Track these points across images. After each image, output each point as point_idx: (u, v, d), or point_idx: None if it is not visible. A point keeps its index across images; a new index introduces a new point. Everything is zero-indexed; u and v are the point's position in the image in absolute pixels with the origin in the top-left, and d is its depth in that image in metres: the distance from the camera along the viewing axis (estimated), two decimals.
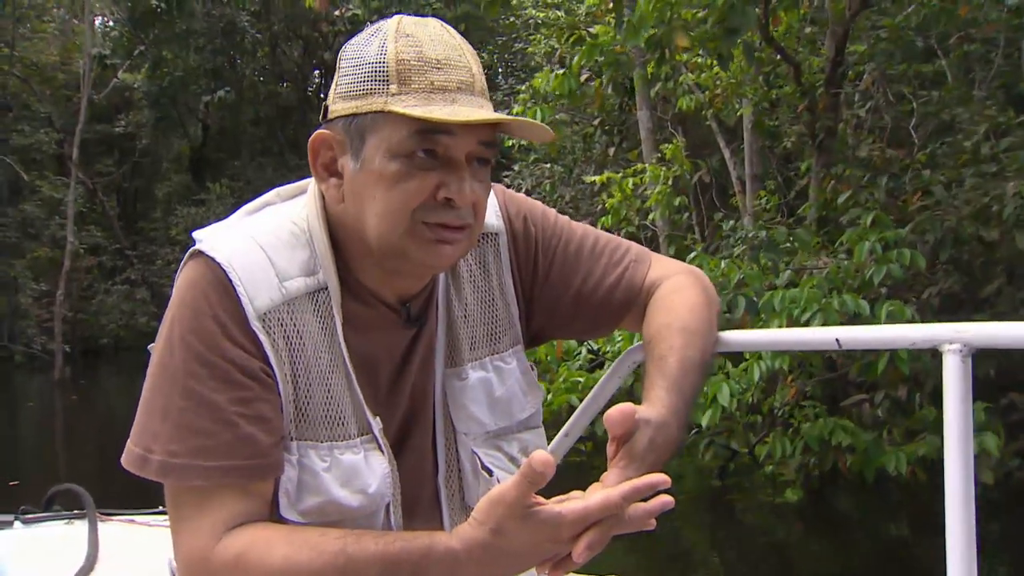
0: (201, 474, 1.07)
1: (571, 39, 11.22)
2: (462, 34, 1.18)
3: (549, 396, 5.68)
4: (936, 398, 5.40)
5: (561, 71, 6.39)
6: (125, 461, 1.11)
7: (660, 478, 0.99)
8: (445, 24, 1.15)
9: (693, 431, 5.84)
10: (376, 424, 1.18)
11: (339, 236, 1.17)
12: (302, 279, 1.14)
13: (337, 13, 19.15)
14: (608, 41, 10.96)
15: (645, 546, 5.98)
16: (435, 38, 1.11)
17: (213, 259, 1.11)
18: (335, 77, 1.16)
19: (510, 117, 1.10)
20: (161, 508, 2.12)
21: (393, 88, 1.08)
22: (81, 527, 2.16)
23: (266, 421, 1.09)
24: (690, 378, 1.19)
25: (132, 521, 2.28)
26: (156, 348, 1.13)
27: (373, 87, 1.10)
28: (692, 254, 5.57)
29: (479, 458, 1.27)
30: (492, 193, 1.32)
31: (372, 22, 1.19)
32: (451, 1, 22.53)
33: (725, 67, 5.57)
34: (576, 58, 6.43)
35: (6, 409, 15.52)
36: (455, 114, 1.06)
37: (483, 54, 23.56)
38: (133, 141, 25.44)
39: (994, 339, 1.17)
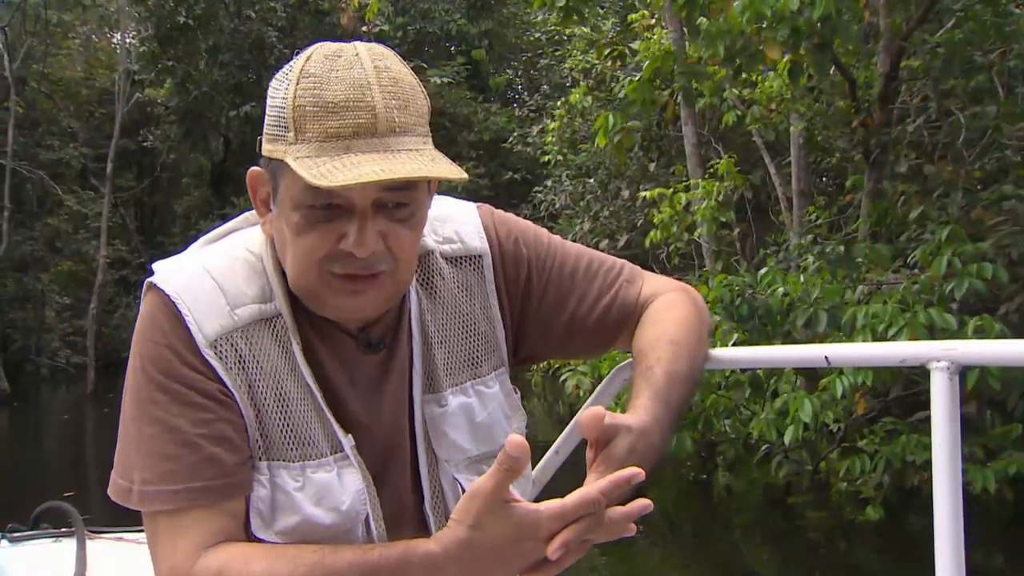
0: (171, 498, 1.09)
1: (612, 54, 11.26)
2: (487, 50, 1.14)
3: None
4: (1012, 414, 5.35)
5: (635, 77, 6.38)
6: (112, 493, 1.14)
7: (635, 471, 0.98)
8: (363, 50, 1.10)
9: (764, 447, 5.80)
10: (348, 442, 1.17)
11: None
12: (256, 306, 1.16)
13: (364, 29, 19.23)
14: (649, 55, 10.99)
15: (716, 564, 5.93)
16: (340, 74, 1.07)
17: (163, 291, 1.14)
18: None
19: (390, 173, 1.02)
20: None
21: (291, 136, 1.07)
22: (69, 545, 2.14)
23: (229, 441, 1.11)
24: (676, 390, 1.20)
25: (120, 539, 2.25)
26: (126, 381, 1.16)
27: (278, 133, 1.09)
28: (764, 269, 5.54)
29: (460, 485, 1.25)
30: (477, 214, 1.33)
31: (397, 42, 1.15)
32: (475, 17, 22.63)
33: (796, 80, 5.56)
34: (647, 65, 6.41)
35: (45, 422, 15.58)
36: (334, 171, 1.02)
37: (507, 70, 23.68)
38: (152, 156, 25.61)
39: (982, 357, 1.21)
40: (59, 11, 22.46)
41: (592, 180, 12.14)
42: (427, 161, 1.06)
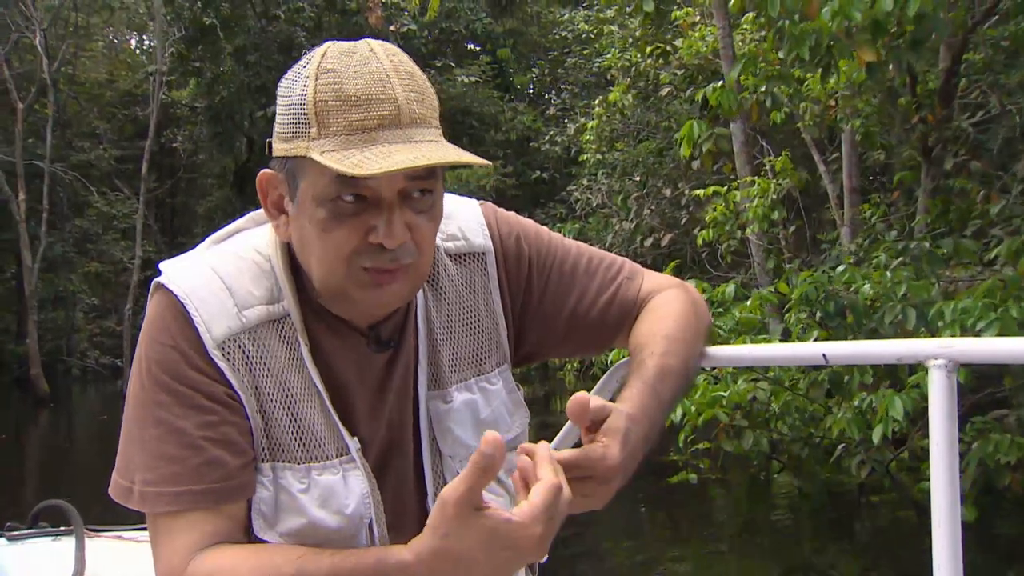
0: (172, 500, 1.09)
1: (655, 51, 11.21)
2: (512, 49, 1.12)
3: (692, 408, 5.60)
4: None
5: (719, 84, 6.30)
6: (112, 492, 1.14)
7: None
8: (377, 46, 1.10)
9: (840, 446, 5.74)
10: (353, 444, 1.17)
11: (300, 264, 1.17)
12: (263, 307, 1.16)
13: (392, 28, 19.24)
14: (692, 52, 10.93)
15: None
16: (358, 69, 1.06)
17: (171, 291, 1.14)
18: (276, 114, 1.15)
19: (423, 159, 1.03)
20: None
21: (313, 132, 1.06)
22: (68, 543, 2.12)
23: (233, 443, 1.11)
24: (668, 384, 1.19)
25: (119, 537, 2.24)
26: (130, 381, 1.16)
27: (297, 131, 1.08)
28: (841, 267, 5.48)
29: None
30: (480, 212, 1.33)
31: (423, 41, 1.13)
32: (499, 15, 22.61)
33: (873, 77, 5.50)
34: (738, 70, 6.33)
35: (85, 423, 15.65)
36: (366, 161, 1.02)
37: (533, 68, 23.63)
38: (173, 157, 25.73)
39: (979, 354, 1.21)
40: (86, 14, 22.59)
41: (637, 178, 12.08)
42: (451, 150, 1.07)
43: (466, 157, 1.07)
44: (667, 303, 1.32)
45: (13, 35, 20.00)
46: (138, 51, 29.81)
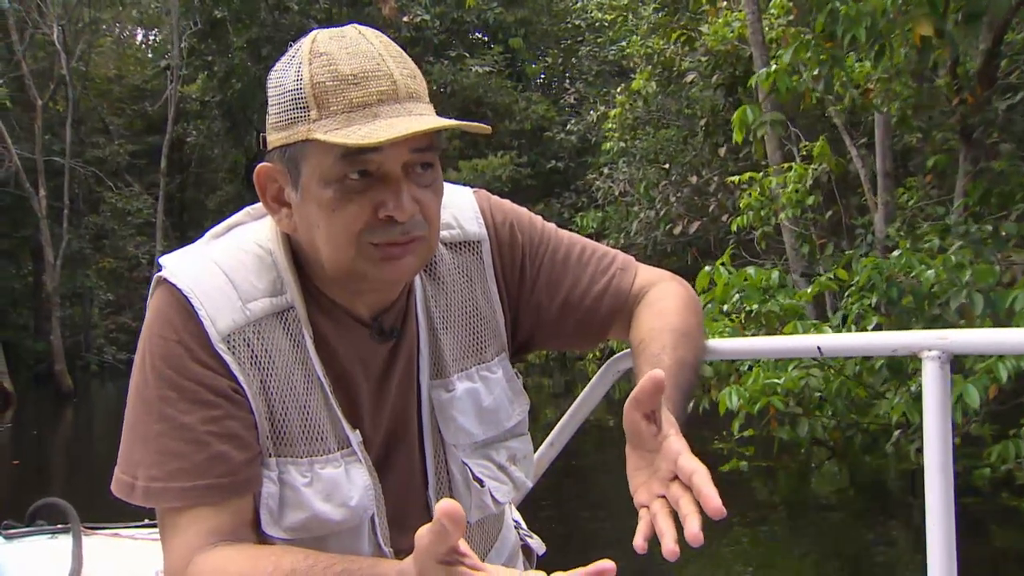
0: (178, 496, 1.09)
1: (679, 38, 11.13)
2: (523, 39, 1.08)
3: (747, 396, 5.55)
4: None
5: (773, 69, 6.21)
6: (114, 489, 1.13)
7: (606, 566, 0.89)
8: (364, 29, 1.12)
9: (897, 431, 5.70)
10: (355, 437, 1.18)
11: (303, 256, 1.17)
12: (267, 300, 1.15)
13: (405, 19, 19.16)
14: (718, 38, 10.84)
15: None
16: (351, 50, 1.08)
17: (175, 285, 1.13)
18: (268, 107, 1.15)
19: (431, 123, 1.05)
20: (147, 521, 2.13)
21: (313, 114, 1.07)
22: (65, 541, 2.11)
23: (238, 438, 1.11)
24: (685, 376, 1.19)
25: (117, 535, 2.23)
26: (132, 377, 1.15)
27: (296, 116, 1.08)
28: (896, 252, 5.42)
29: (470, 469, 1.26)
30: (475, 199, 1.32)
31: (435, 31, 1.10)
32: (510, 4, 22.52)
33: (926, 55, 5.41)
34: (791, 54, 6.23)
35: (109, 418, 15.64)
36: (373, 132, 1.03)
37: (546, 58, 23.52)
38: (183, 151, 25.69)
39: (973, 346, 1.22)
40: (97, 9, 22.56)
41: (667, 166, 12.01)
42: (452, 120, 1.08)
43: (465, 125, 1.10)
44: (666, 297, 1.31)
45: (28, 31, 19.96)
46: (143, 46, 29.75)
